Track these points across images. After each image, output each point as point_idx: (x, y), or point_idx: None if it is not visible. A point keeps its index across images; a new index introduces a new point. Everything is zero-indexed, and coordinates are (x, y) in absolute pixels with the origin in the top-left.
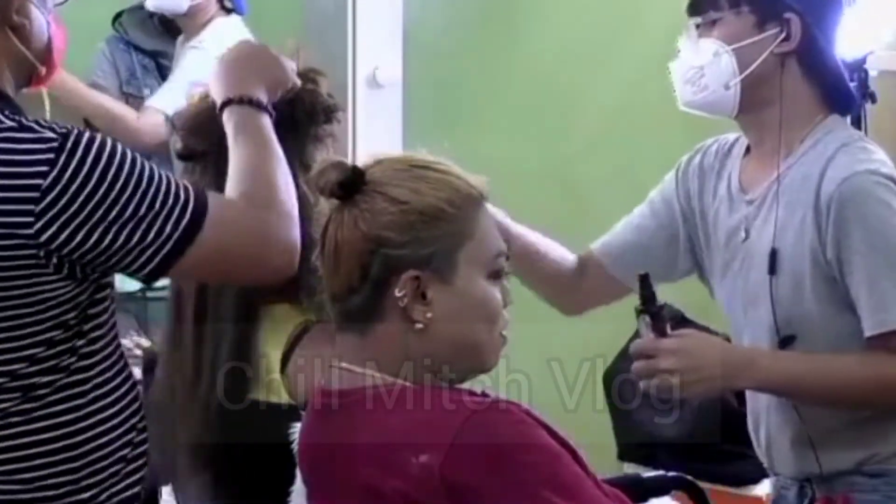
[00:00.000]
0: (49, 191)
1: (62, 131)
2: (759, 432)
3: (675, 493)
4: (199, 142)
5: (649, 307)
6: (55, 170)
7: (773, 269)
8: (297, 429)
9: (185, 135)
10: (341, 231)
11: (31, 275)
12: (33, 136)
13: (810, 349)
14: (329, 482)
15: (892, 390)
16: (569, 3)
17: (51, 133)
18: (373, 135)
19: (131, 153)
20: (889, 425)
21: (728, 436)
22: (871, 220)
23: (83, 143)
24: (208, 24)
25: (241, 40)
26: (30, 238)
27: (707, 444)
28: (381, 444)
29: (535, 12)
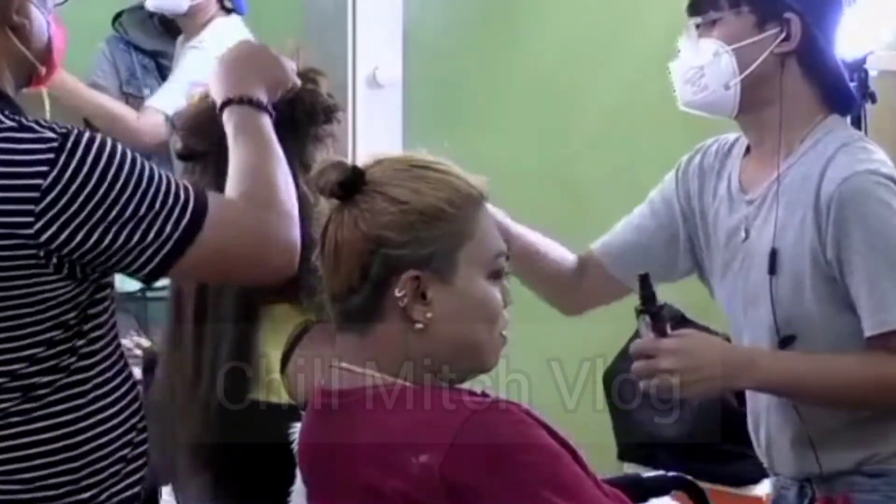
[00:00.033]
0: (49, 191)
1: (62, 131)
2: (760, 432)
3: (675, 493)
4: (200, 142)
5: (649, 307)
6: (55, 170)
7: (773, 269)
8: (297, 429)
9: (185, 135)
10: (341, 231)
11: (31, 275)
12: (33, 136)
13: (810, 349)
14: (329, 482)
15: (892, 390)
16: (569, 3)
17: (51, 133)
18: (373, 135)
19: (131, 153)
20: (889, 425)
21: (728, 436)
22: (871, 220)
23: (83, 142)
24: (208, 24)
25: (241, 40)
26: (30, 238)
27: (707, 444)
28: (381, 444)
29: (535, 12)
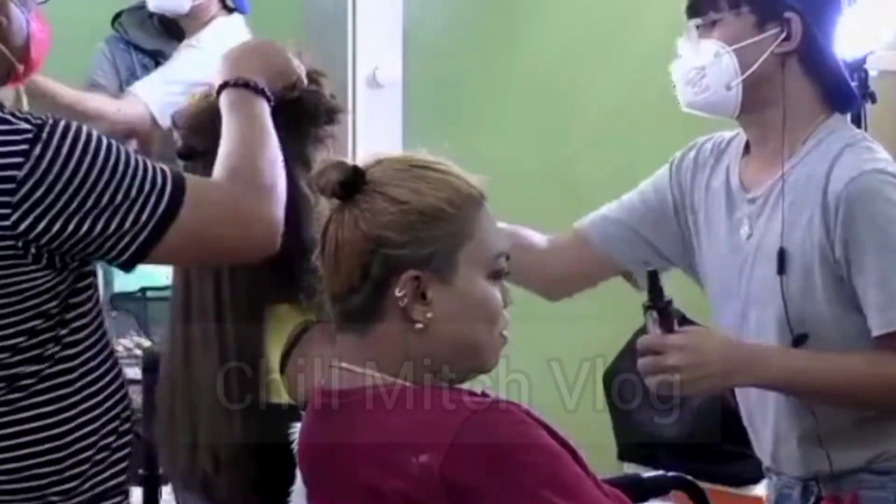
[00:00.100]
0: (25, 182)
1: (37, 122)
2: (764, 431)
3: (675, 493)
4: (200, 141)
5: (657, 303)
6: (30, 161)
7: (782, 269)
8: (297, 429)
9: (185, 133)
10: (342, 231)
11: (9, 265)
12: (8, 127)
13: (821, 348)
14: (329, 482)
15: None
16: (569, 3)
17: (26, 124)
18: (373, 135)
19: (107, 140)
20: None
21: (728, 436)
22: (879, 219)
23: (58, 132)
24: (209, 24)
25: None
26: (7, 229)
27: (707, 444)
28: (381, 444)
29: (535, 12)
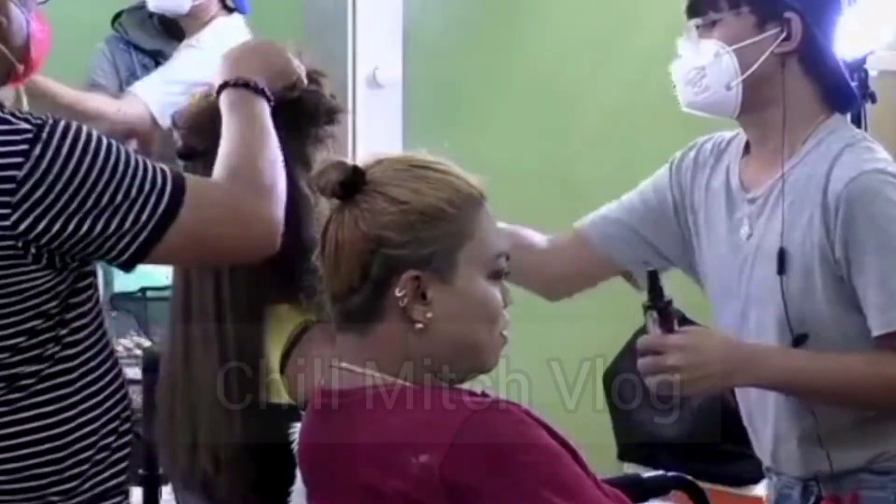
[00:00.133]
0: (24, 182)
1: (37, 122)
2: (764, 431)
3: (675, 493)
4: (200, 141)
5: (657, 303)
6: (30, 161)
7: (782, 269)
8: (297, 429)
9: (185, 133)
10: (342, 231)
11: (9, 265)
12: (8, 127)
13: (821, 348)
14: (329, 482)
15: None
16: (569, 3)
17: (26, 124)
18: (373, 135)
19: (107, 140)
20: None
21: (728, 436)
22: (879, 219)
23: (58, 132)
24: (209, 24)
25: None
26: (7, 229)
27: (707, 444)
28: (381, 444)
29: (535, 12)
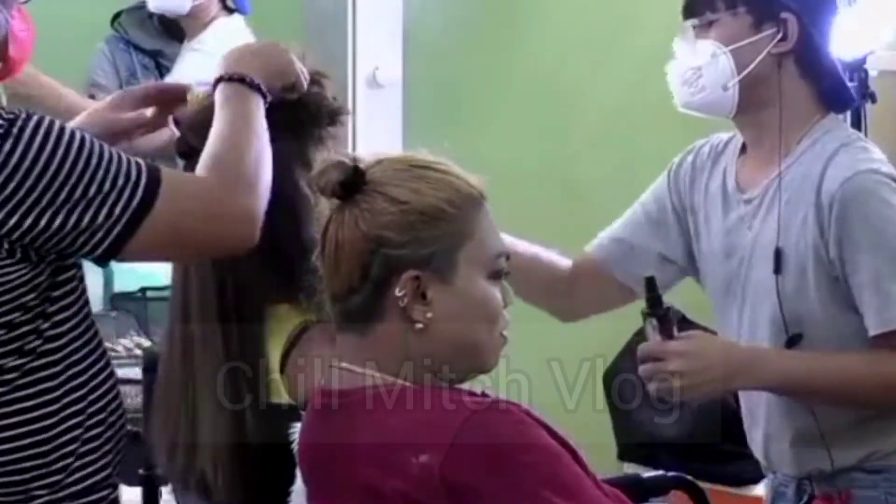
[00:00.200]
0: None
1: (8, 117)
2: (756, 431)
3: (675, 493)
4: (200, 140)
5: (656, 310)
6: (0, 156)
7: (778, 269)
8: (297, 429)
9: (185, 132)
10: (342, 231)
11: None
12: None
13: (816, 347)
14: (329, 482)
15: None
16: (569, 3)
17: None
18: (373, 135)
19: (80, 133)
20: (891, 423)
21: (728, 436)
22: (873, 219)
23: (30, 127)
24: (210, 25)
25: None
26: None
27: (707, 444)
28: (381, 444)
29: (535, 12)
